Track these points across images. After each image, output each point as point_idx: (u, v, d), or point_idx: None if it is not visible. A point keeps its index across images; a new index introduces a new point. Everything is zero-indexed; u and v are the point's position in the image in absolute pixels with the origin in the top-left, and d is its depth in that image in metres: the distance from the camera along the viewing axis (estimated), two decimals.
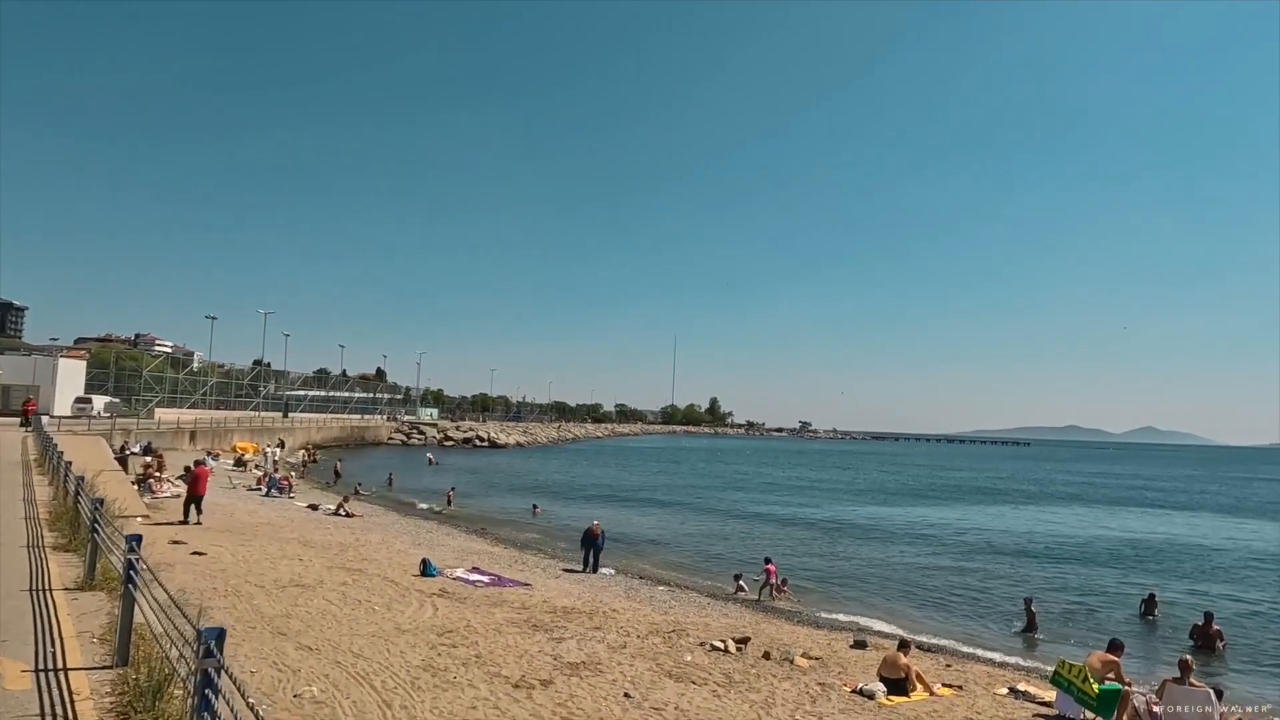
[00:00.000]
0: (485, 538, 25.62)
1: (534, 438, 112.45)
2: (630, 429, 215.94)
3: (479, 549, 22.53)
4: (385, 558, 18.56)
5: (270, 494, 30.74)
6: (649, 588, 18.56)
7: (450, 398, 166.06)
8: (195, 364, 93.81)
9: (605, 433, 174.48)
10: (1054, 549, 29.87)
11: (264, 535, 20.38)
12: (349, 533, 22.58)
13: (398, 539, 22.47)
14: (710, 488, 53.00)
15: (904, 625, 16.71)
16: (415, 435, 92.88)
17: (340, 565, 16.95)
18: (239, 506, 25.87)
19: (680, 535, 29.70)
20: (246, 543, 18.77)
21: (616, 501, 41.54)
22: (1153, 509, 49.19)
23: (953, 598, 20.29)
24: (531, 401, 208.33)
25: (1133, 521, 41.32)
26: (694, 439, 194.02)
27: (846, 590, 20.66)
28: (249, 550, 17.68)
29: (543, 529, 29.83)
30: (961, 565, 25.31)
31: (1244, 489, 73.94)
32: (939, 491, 57.54)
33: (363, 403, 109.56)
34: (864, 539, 30.48)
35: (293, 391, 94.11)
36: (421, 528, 26.29)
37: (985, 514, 42.34)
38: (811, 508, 42.04)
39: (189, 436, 48.23)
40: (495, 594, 15.36)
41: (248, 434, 56.86)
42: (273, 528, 21.98)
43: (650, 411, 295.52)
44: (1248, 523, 42.80)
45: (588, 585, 17.83)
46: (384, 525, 25.62)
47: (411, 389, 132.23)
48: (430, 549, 21.00)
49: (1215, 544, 33.16)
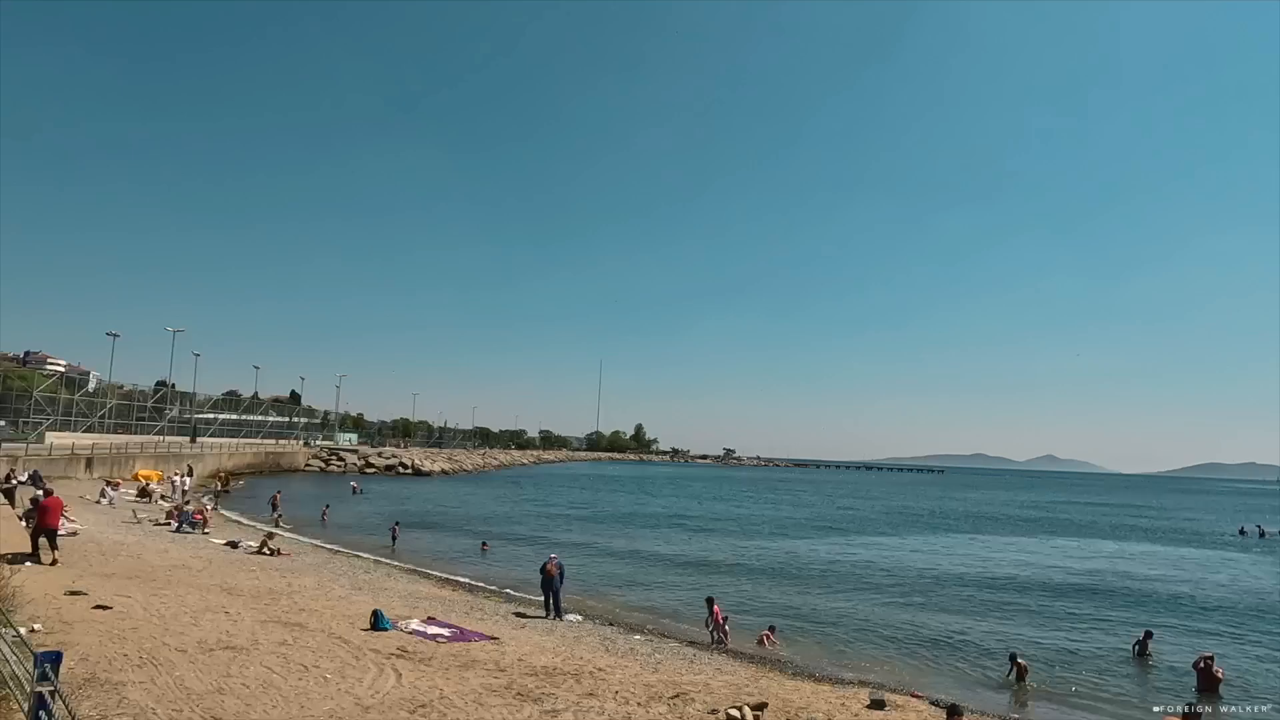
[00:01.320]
0: (431, 579, 23.39)
1: (460, 465, 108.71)
2: (555, 455, 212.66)
3: (427, 593, 20.36)
4: (326, 607, 16.33)
5: (182, 529, 27.68)
6: (624, 636, 16.84)
7: (370, 422, 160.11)
8: (92, 384, 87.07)
9: (531, 459, 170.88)
10: (1014, 581, 29.41)
11: (179, 581, 17.83)
12: (278, 576, 20.11)
13: (334, 582, 20.11)
14: (654, 518, 51.38)
15: (901, 678, 15.48)
16: (335, 462, 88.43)
17: (275, 619, 14.70)
18: (147, 545, 22.97)
19: (635, 572, 28.01)
20: (159, 591, 16.26)
21: (561, 534, 39.52)
22: (1090, 537, 49.94)
23: (934, 642, 19.22)
24: (454, 427, 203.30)
25: (1080, 550, 41.64)
26: (620, 465, 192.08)
27: (827, 636, 19.35)
28: (163, 601, 15.23)
29: (492, 568, 27.71)
30: (926, 603, 24.40)
31: (1158, 515, 76.69)
32: (884, 521, 57.36)
33: (277, 427, 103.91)
34: (824, 575, 29.37)
35: (201, 415, 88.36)
36: (357, 567, 23.86)
37: (937, 544, 42.06)
38: (763, 540, 40.87)
39: (85, 464, 43.97)
40: (462, 651, 13.42)
41: (151, 461, 52.50)
42: (189, 571, 19.37)
43: (575, 438, 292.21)
44: (1178, 550, 43.73)
45: (558, 636, 16.01)
46: (316, 566, 23.11)
47: (330, 413, 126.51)
48: (374, 594, 18.79)
49: (1159, 572, 33.39)
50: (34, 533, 18.83)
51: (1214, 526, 64.07)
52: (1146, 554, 41.53)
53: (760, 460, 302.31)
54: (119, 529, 26.27)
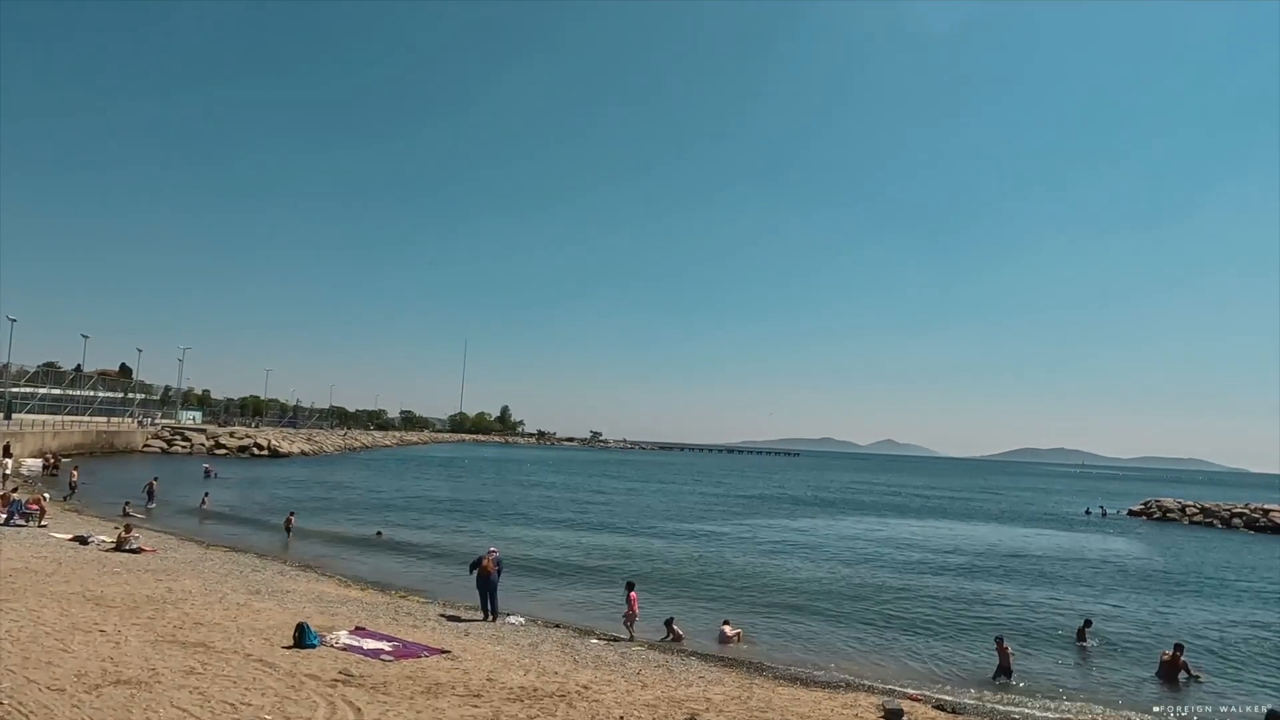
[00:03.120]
0: (333, 577, 20.62)
1: (320, 446, 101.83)
2: (418, 437, 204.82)
3: (336, 595, 17.72)
4: (226, 619, 13.56)
5: (12, 522, 23.30)
6: (580, 641, 15.05)
7: (216, 400, 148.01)
8: None
9: (393, 441, 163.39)
10: (924, 562, 29.74)
11: (27, 590, 14.46)
12: (151, 579, 16.88)
13: (223, 585, 17.10)
14: (541, 501, 49.39)
15: (887, 674, 14.60)
16: (179, 442, 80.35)
17: (168, 637, 11.92)
18: None
19: (548, 562, 26.08)
20: (5, 604, 12.98)
21: (448, 518, 36.90)
22: (962, 519, 52.24)
23: (888, 629, 18.62)
24: (309, 406, 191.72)
25: (960, 531, 43.23)
26: (486, 448, 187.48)
27: (792, 627, 18.31)
28: (13, 619, 12.10)
29: (395, 559, 25.06)
30: (854, 587, 24.00)
31: (1011, 497, 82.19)
32: (783, 501, 57.90)
33: (109, 403, 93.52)
34: (734, 560, 28.58)
35: (17, 389, 77.93)
36: (243, 566, 20.66)
37: (844, 524, 42.54)
38: (669, 521, 39.83)
39: None
40: (416, 671, 11.25)
41: None
42: (37, 576, 15.87)
43: (438, 419, 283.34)
44: (1044, 530, 46.38)
45: (511, 643, 14.02)
46: (192, 564, 19.79)
47: (171, 389, 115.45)
48: (277, 599, 16.04)
49: (1041, 550, 34.91)
50: None
51: (1062, 508, 69.15)
52: (1020, 534, 43.71)
53: (627, 443, 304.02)
54: None
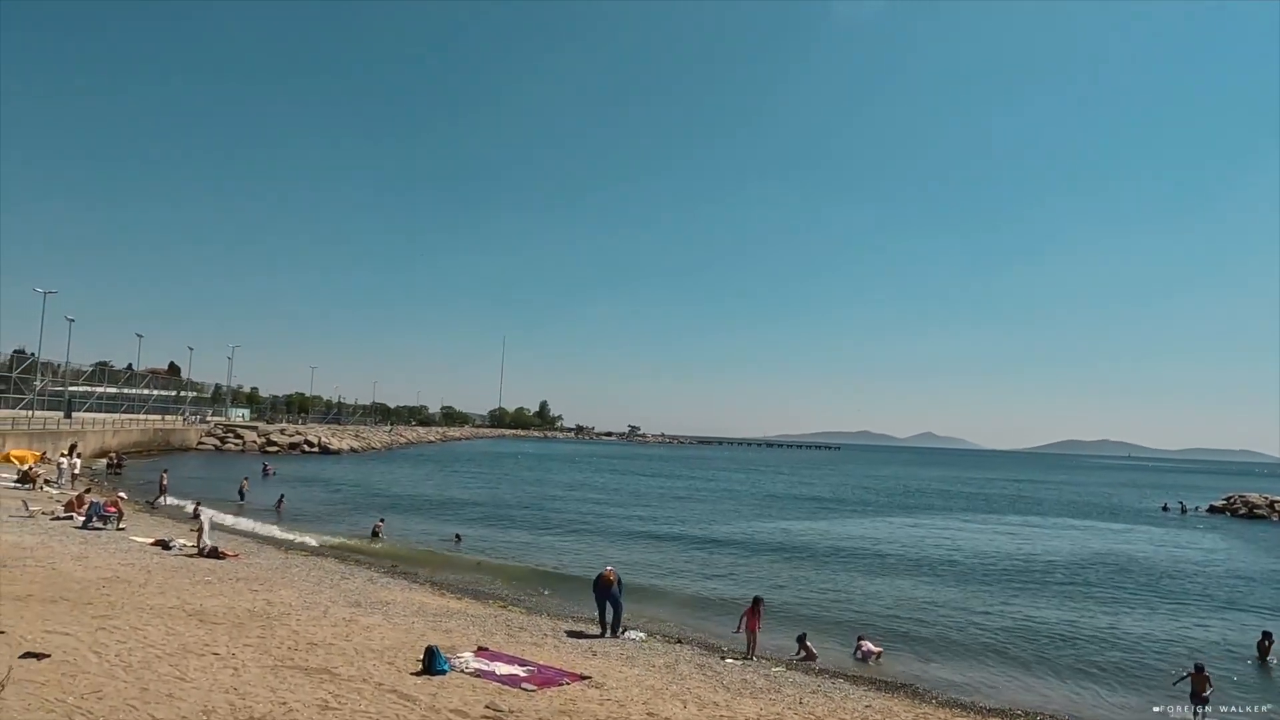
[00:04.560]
0: (424, 584, 19.52)
1: (367, 442, 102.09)
2: (460, 433, 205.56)
3: (438, 606, 16.58)
4: (339, 637, 12.44)
5: (91, 525, 22.59)
6: (717, 661, 13.70)
7: (263, 397, 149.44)
8: None
9: (437, 437, 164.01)
10: (1027, 564, 27.94)
11: (124, 603, 13.47)
12: (247, 589, 15.88)
13: (319, 595, 16.04)
14: (610, 500, 48.11)
15: (1057, 703, 13.04)
16: (231, 439, 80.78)
17: (286, 661, 10.80)
18: (57, 549, 18.09)
19: (639, 567, 24.74)
20: (105, 622, 11.98)
21: (521, 517, 35.82)
22: (1040, 514, 50.00)
23: (1029, 642, 17.03)
24: (352, 403, 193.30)
25: (1042, 527, 41.16)
26: (526, 443, 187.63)
27: (921, 643, 16.79)
28: (119, 639, 11.06)
29: (485, 565, 23.94)
30: (988, 589, 22.40)
31: (1079, 490, 79.21)
32: (849, 499, 56.19)
33: (162, 401, 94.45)
34: (824, 560, 27.14)
35: (76, 387, 78.74)
36: (328, 571, 19.67)
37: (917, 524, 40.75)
38: (747, 523, 38.19)
39: None
40: (565, 703, 9.98)
41: (25, 439, 45.30)
42: (130, 587, 14.92)
43: (478, 415, 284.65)
44: (1127, 526, 43.99)
45: (648, 665, 12.72)
46: (279, 570, 18.81)
47: (221, 386, 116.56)
48: (380, 611, 14.92)
49: (1136, 552, 32.83)
50: None
51: (1136, 503, 66.28)
52: (1113, 533, 41.49)
53: (665, 438, 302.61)
54: (10, 527, 21.02)
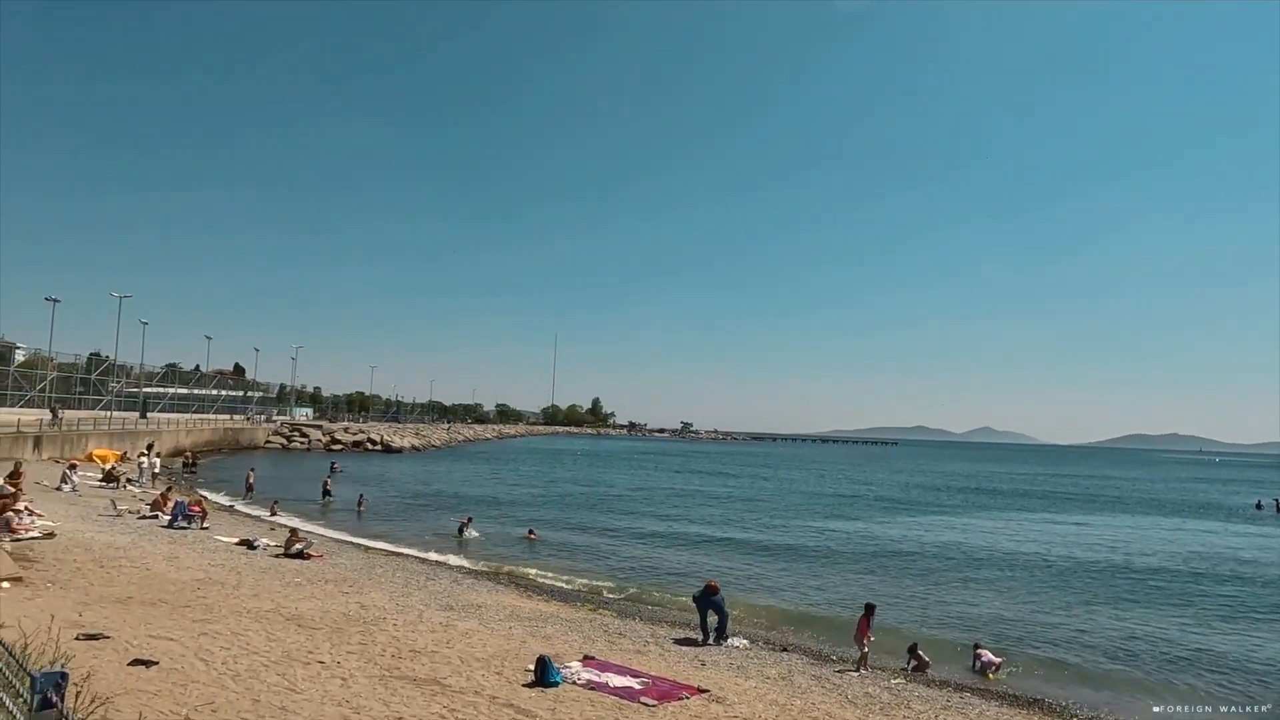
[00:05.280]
0: (509, 586, 19.11)
1: (427, 440, 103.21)
2: (515, 430, 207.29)
3: (530, 609, 16.10)
4: (440, 644, 11.99)
5: (176, 525, 22.74)
6: (833, 673, 12.90)
7: (325, 397, 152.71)
8: (19, 356, 78.93)
9: (493, 434, 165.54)
10: (1127, 564, 26.41)
11: (220, 606, 13.25)
12: (338, 591, 15.61)
13: (411, 598, 15.69)
14: (677, 501, 47.37)
15: None
16: (297, 438, 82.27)
17: (392, 670, 10.36)
18: (148, 549, 18.11)
19: (722, 574, 23.92)
20: (206, 626, 11.72)
21: (590, 515, 35.29)
22: (1127, 513, 47.82)
23: (1166, 665, 15.80)
24: (410, 401, 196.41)
25: (1136, 527, 39.18)
26: (580, 440, 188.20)
27: (1040, 649, 15.72)
28: (222, 644, 10.75)
29: (557, 562, 23.50)
30: (1073, 593, 21.16)
31: (1165, 487, 75.93)
32: (906, 497, 54.62)
33: (230, 401, 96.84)
34: (911, 560, 25.99)
35: (150, 389, 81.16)
36: (412, 571, 19.37)
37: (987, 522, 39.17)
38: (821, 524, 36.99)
39: (32, 443, 38.07)
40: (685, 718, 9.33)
41: (105, 439, 46.52)
42: (223, 589, 14.74)
43: (531, 412, 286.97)
44: (1226, 526, 41.65)
45: (762, 676, 12.01)
46: (365, 571, 18.57)
47: (286, 386, 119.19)
48: (475, 615, 14.48)
49: (1251, 552, 30.82)
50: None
51: (1223, 499, 63.12)
52: (1198, 531, 39.27)
53: (718, 434, 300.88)
54: (101, 525, 21.25)
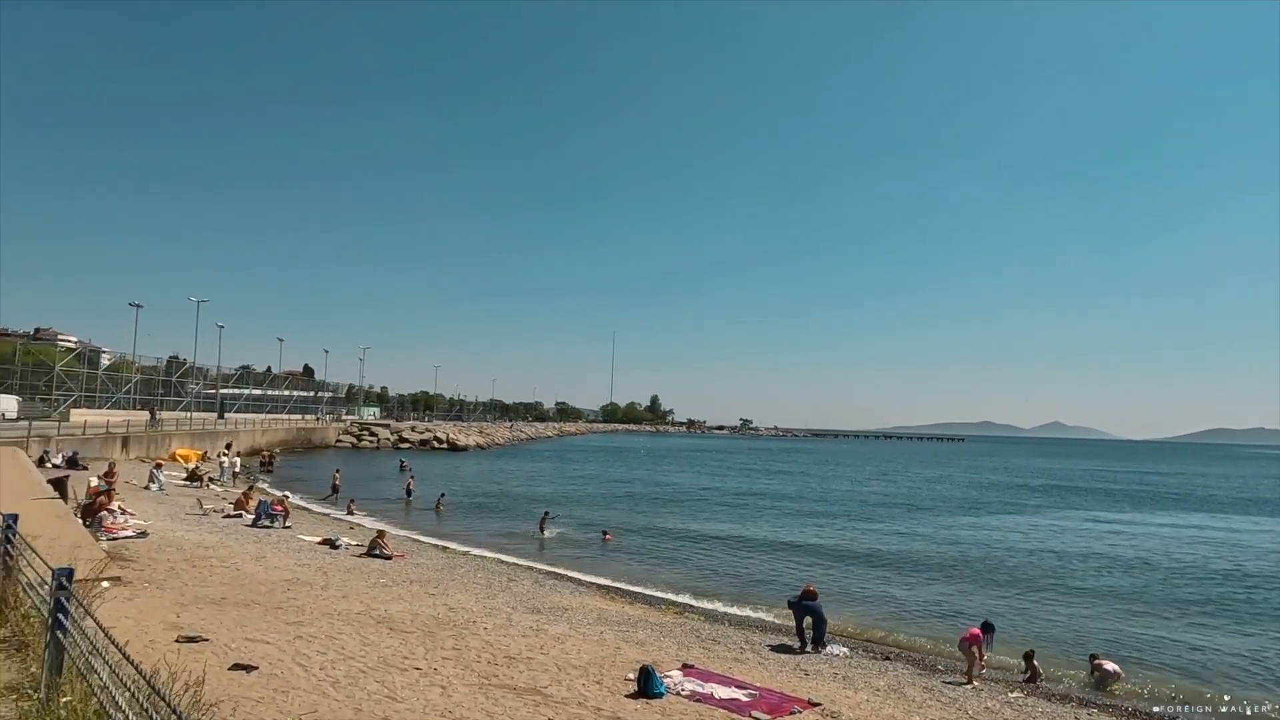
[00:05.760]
0: (593, 588, 18.74)
1: (491, 439, 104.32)
2: (575, 428, 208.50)
3: (618, 613, 15.68)
4: (533, 649, 11.63)
5: (259, 524, 23.04)
6: (944, 685, 12.13)
7: (391, 396, 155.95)
8: (105, 360, 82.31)
9: (554, 432, 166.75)
10: (1242, 576, 24.75)
11: (310, 608, 13.13)
12: (424, 593, 15.43)
13: (497, 600, 15.43)
14: (744, 496, 46.63)
15: None
16: (366, 437, 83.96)
17: (490, 678, 10.02)
18: (235, 549, 18.27)
19: (804, 574, 23.18)
20: (300, 629, 11.57)
21: (663, 515, 34.74)
22: (1237, 512, 45.25)
23: None
24: (472, 400, 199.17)
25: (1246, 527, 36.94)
26: (638, 437, 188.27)
27: (1161, 668, 14.64)
28: (318, 649, 10.55)
29: (634, 563, 23.08)
30: (1205, 605, 19.79)
31: (1266, 485, 71.96)
32: (997, 498, 52.73)
33: (301, 401, 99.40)
34: (1034, 570, 24.76)
35: (226, 390, 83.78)
36: (493, 572, 19.16)
37: (1078, 522, 37.38)
38: (899, 523, 35.59)
39: (121, 443, 39.38)
40: None
41: (186, 439, 47.97)
42: (311, 590, 14.68)
43: (590, 410, 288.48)
44: None
45: (870, 688, 11.34)
46: (447, 571, 18.43)
47: (354, 387, 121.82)
48: (563, 619, 14.12)
49: None
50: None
51: None
52: None
53: (778, 431, 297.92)
54: (189, 524, 21.63)
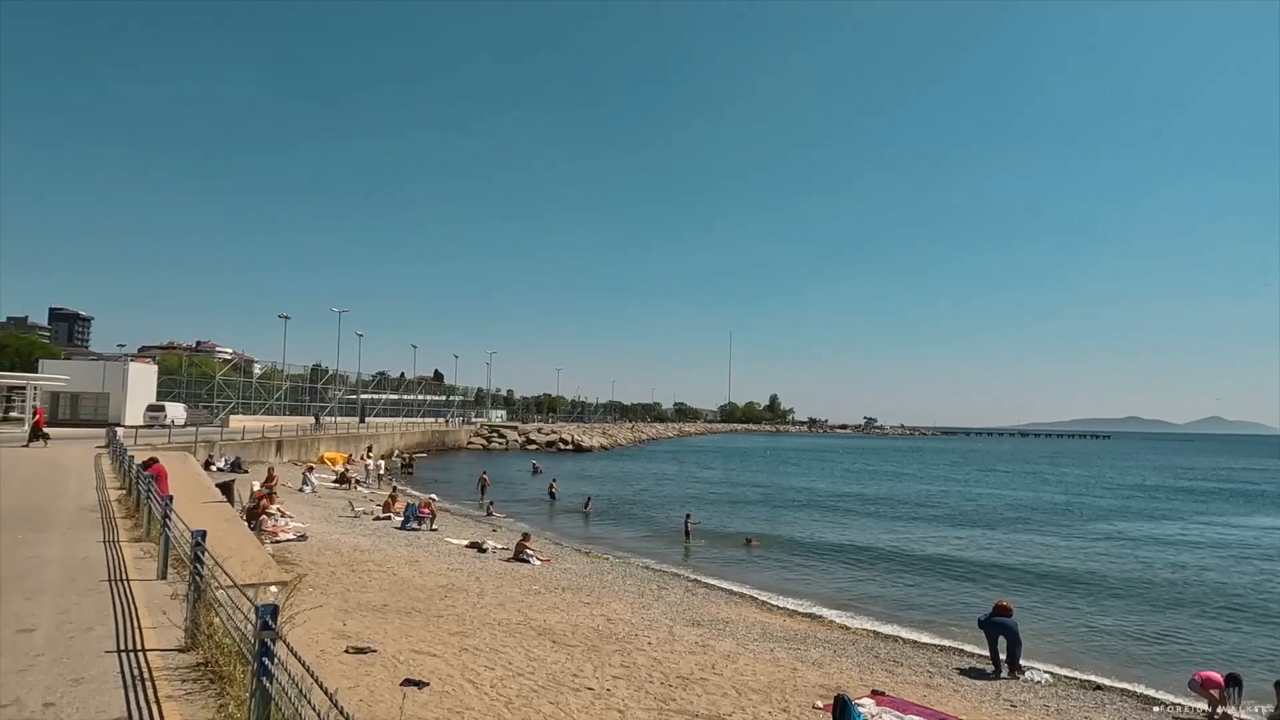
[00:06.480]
0: (747, 599, 17.80)
1: (615, 440, 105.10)
2: (693, 429, 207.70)
3: (782, 627, 14.68)
4: (703, 668, 10.82)
5: (408, 526, 23.38)
6: None
7: (516, 399, 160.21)
8: (257, 369, 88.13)
9: (674, 433, 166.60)
10: None
11: (471, 617, 12.82)
12: (578, 601, 14.93)
13: (652, 610, 14.74)
14: (879, 501, 44.43)
15: None
16: (496, 439, 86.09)
17: (667, 702, 9.27)
18: (389, 552, 18.42)
19: (974, 591, 21.32)
20: (464, 640, 11.22)
21: (802, 523, 33.33)
22: None
23: None
24: (592, 401, 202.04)
25: None
26: (758, 437, 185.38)
27: None
28: (484, 663, 10.12)
29: (784, 569, 21.98)
30: None
31: None
32: (1166, 503, 48.35)
33: (434, 405, 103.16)
34: (1246, 589, 22.08)
35: (366, 395, 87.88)
36: (642, 579, 18.55)
37: None
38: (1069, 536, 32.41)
39: (275, 447, 41.54)
40: None
41: (332, 443, 50.27)
42: (467, 596, 14.45)
43: (708, 410, 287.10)
44: None
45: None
46: (594, 577, 17.92)
47: (482, 390, 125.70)
48: (727, 634, 13.26)
49: None
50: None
51: None
52: None
53: (904, 429, 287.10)
54: (343, 527, 22.16)
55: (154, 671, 5.28)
